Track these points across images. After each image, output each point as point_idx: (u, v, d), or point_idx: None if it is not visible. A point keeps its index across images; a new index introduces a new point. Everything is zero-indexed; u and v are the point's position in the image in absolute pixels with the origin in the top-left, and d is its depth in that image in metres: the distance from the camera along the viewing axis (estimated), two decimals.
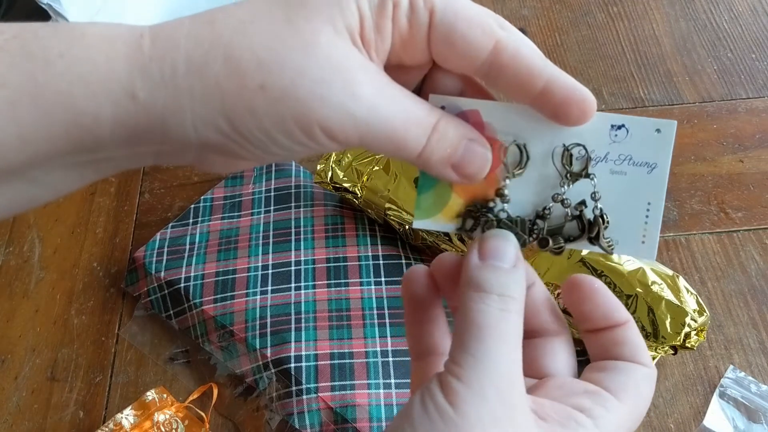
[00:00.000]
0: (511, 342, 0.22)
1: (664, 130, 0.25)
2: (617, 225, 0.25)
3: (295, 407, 0.50)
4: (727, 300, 0.56)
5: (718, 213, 0.61)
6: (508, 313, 0.23)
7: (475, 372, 0.22)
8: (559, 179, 0.25)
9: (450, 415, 0.21)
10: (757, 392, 0.50)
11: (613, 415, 0.24)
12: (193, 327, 0.56)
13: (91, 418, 0.54)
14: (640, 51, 0.75)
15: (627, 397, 0.24)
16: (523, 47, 0.24)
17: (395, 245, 0.59)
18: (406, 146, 0.23)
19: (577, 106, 0.24)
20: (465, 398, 0.21)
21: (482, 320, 0.22)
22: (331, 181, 0.60)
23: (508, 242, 0.25)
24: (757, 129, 0.67)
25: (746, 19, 0.77)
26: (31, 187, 0.24)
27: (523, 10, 0.79)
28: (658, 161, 0.25)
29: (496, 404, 0.21)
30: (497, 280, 0.23)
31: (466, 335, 0.22)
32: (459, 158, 0.24)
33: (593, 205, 0.25)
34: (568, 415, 0.23)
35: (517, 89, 0.24)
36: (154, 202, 0.67)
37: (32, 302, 0.61)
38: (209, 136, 0.22)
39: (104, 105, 0.21)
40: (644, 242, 0.25)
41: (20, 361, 0.58)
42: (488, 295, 0.23)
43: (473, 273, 0.24)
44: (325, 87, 0.22)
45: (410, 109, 0.23)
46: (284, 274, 0.57)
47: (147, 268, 0.59)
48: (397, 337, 0.53)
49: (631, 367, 0.25)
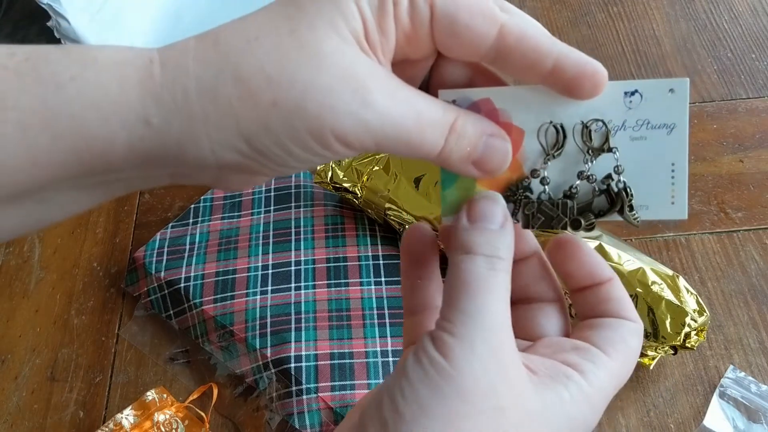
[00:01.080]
0: (499, 298, 0.23)
1: (677, 89, 0.24)
2: (645, 190, 0.25)
3: (295, 407, 0.50)
4: (727, 300, 0.56)
5: (718, 213, 0.61)
6: (496, 271, 0.23)
7: (466, 327, 0.22)
8: (582, 156, 0.25)
9: (444, 366, 0.22)
10: (757, 392, 0.50)
11: (601, 370, 0.24)
12: (193, 327, 0.56)
13: (91, 418, 0.54)
14: (640, 51, 0.75)
15: (615, 352, 0.25)
16: (529, 28, 0.24)
17: (395, 245, 0.59)
18: (423, 148, 0.24)
19: (589, 79, 0.24)
20: (457, 352, 0.22)
21: (471, 279, 0.23)
22: (331, 181, 0.60)
23: (496, 204, 0.25)
24: (757, 129, 0.67)
25: (746, 19, 0.77)
26: (41, 207, 0.24)
27: (523, 10, 0.79)
28: (676, 121, 0.25)
29: (488, 356, 0.22)
30: (486, 241, 0.24)
31: (455, 293, 0.23)
32: (479, 155, 0.24)
33: (617, 179, 0.25)
34: (557, 370, 0.24)
35: (528, 70, 0.24)
36: (154, 202, 0.67)
37: (32, 302, 0.61)
38: (227, 157, 0.22)
39: (117, 131, 0.21)
40: (674, 203, 0.25)
41: (20, 361, 0.58)
42: (476, 256, 0.23)
43: (462, 235, 0.24)
44: (335, 97, 0.22)
45: (424, 111, 0.23)
46: (284, 274, 0.57)
47: (147, 268, 0.59)
48: (397, 337, 0.53)
49: (618, 322, 0.26)
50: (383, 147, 0.23)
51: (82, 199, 0.24)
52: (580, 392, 0.24)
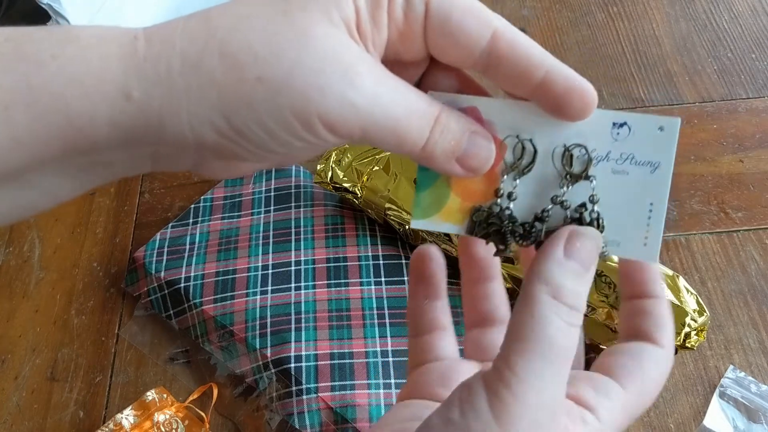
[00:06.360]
0: (570, 364, 0.21)
1: (667, 128, 0.24)
2: (619, 226, 0.25)
3: (295, 407, 0.50)
4: (727, 300, 0.56)
5: (718, 213, 0.61)
6: (575, 329, 0.21)
7: (535, 392, 0.20)
8: (559, 180, 0.25)
9: (492, 427, 0.20)
10: (757, 392, 0.50)
11: (615, 404, 0.23)
12: (193, 327, 0.56)
13: (91, 418, 0.54)
14: (640, 51, 0.75)
15: (630, 383, 0.24)
16: (521, 37, 0.23)
17: (395, 245, 0.59)
18: (409, 138, 0.23)
19: (578, 97, 0.23)
20: (515, 416, 0.20)
21: (556, 337, 0.21)
22: (331, 181, 0.60)
23: (596, 247, 0.23)
24: (757, 129, 0.67)
25: (746, 19, 0.77)
26: (28, 192, 0.23)
27: (523, 10, 0.79)
28: (661, 160, 0.24)
29: (545, 429, 0.20)
30: (574, 289, 0.22)
31: (532, 346, 0.21)
32: (463, 151, 0.24)
33: (591, 208, 0.25)
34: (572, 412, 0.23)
35: (517, 80, 0.24)
36: (154, 202, 0.67)
37: (32, 302, 0.61)
38: (205, 134, 0.22)
39: (99, 106, 0.21)
40: (646, 244, 0.25)
41: (20, 361, 0.58)
42: (562, 307, 0.21)
43: (553, 270, 0.22)
44: (323, 77, 0.21)
45: (412, 100, 0.23)
46: (284, 274, 0.57)
47: (147, 268, 0.59)
48: (397, 337, 0.53)
49: (640, 348, 0.25)
50: (369, 134, 0.22)
51: (67, 185, 0.24)
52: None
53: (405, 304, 0.55)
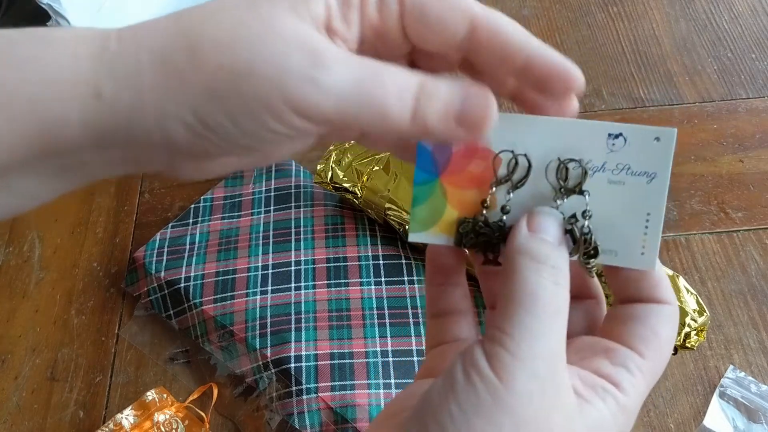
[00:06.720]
0: (563, 318, 0.21)
1: (663, 139, 0.24)
2: (616, 236, 0.25)
3: (295, 407, 0.50)
4: (727, 300, 0.56)
5: (718, 213, 0.61)
6: (561, 287, 0.22)
7: (528, 345, 0.20)
8: (553, 193, 0.25)
9: (497, 388, 0.20)
10: (757, 392, 0.50)
11: (637, 376, 0.23)
12: (193, 327, 0.56)
13: (91, 418, 0.54)
14: (640, 51, 0.75)
15: (648, 350, 0.24)
16: (502, 22, 0.23)
17: (395, 245, 0.59)
18: (392, 111, 0.21)
19: (560, 80, 0.23)
20: (514, 372, 0.20)
21: (538, 291, 0.21)
22: (331, 181, 0.60)
23: (555, 221, 0.24)
24: (757, 129, 0.67)
25: (746, 19, 0.77)
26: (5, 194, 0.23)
27: (523, 10, 0.79)
28: (658, 171, 0.24)
29: (546, 381, 0.20)
30: (549, 253, 0.22)
31: (518, 305, 0.21)
32: (459, 109, 0.22)
33: (582, 223, 0.24)
34: (594, 383, 0.23)
35: (499, 65, 0.23)
36: (154, 202, 0.67)
37: (32, 302, 0.61)
38: (172, 131, 0.21)
39: (71, 106, 0.21)
40: (644, 253, 0.24)
41: (20, 361, 0.58)
42: (543, 266, 0.22)
43: (524, 242, 0.23)
44: (285, 58, 0.21)
45: (386, 71, 0.22)
46: (284, 274, 0.57)
47: (147, 268, 0.59)
48: (397, 337, 0.53)
49: (648, 310, 0.24)
50: (347, 114, 0.21)
51: (46, 187, 0.24)
52: (617, 405, 0.22)
53: (405, 304, 0.55)
